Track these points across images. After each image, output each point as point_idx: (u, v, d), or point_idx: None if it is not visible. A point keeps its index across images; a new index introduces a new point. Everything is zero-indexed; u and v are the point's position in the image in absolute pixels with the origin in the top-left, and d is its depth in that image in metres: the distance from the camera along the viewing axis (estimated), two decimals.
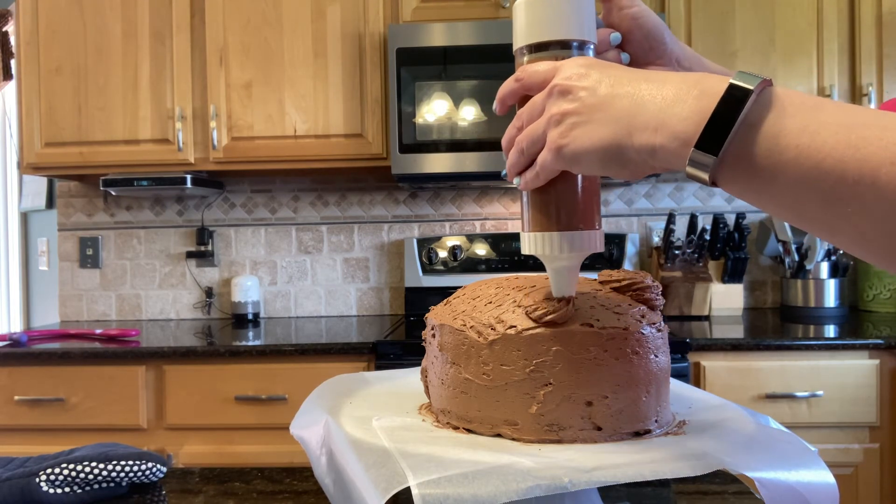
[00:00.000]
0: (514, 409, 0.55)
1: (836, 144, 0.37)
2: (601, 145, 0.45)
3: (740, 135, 0.40)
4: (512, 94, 0.54)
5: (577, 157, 0.47)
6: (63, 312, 2.65)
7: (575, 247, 0.54)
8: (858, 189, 0.37)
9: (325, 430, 0.58)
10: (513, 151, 0.52)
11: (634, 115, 0.44)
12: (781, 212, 0.42)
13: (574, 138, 0.47)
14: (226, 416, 1.95)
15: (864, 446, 1.85)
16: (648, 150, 0.44)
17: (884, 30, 2.16)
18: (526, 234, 0.56)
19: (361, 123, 2.24)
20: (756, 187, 0.41)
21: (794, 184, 0.39)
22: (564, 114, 0.47)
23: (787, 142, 0.39)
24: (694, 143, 0.41)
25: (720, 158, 0.41)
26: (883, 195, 0.36)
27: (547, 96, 0.49)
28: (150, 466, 0.84)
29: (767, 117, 0.40)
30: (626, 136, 0.44)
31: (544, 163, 0.49)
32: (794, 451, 0.51)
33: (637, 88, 0.45)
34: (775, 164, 0.39)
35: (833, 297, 2.25)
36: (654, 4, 2.23)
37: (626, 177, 0.48)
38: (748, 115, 0.40)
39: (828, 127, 0.38)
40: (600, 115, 0.45)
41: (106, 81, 2.28)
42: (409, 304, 2.50)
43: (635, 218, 2.55)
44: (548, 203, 0.54)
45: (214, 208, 2.62)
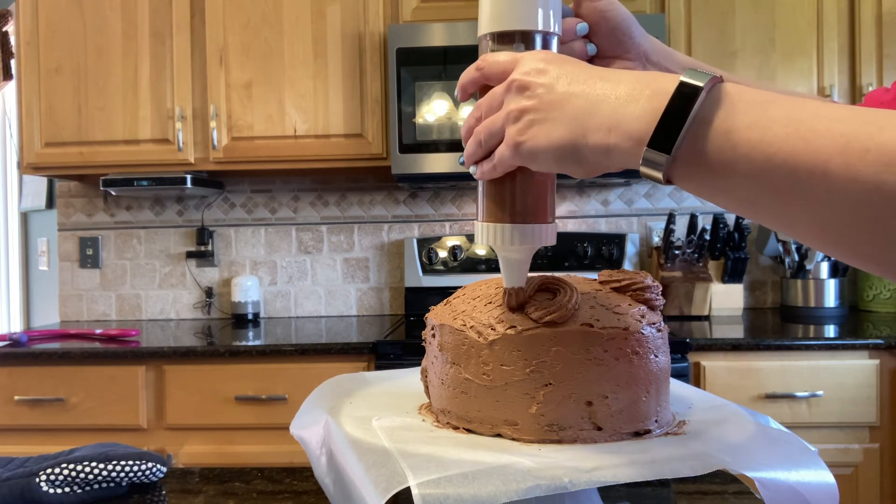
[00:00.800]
0: (514, 409, 0.55)
1: (786, 138, 0.38)
2: (557, 144, 0.46)
3: (692, 132, 0.40)
4: (472, 82, 0.54)
5: (533, 154, 0.47)
6: (63, 312, 2.65)
7: (526, 240, 0.54)
8: (810, 181, 0.37)
9: (325, 430, 0.58)
10: (471, 141, 0.53)
11: (589, 115, 0.44)
12: (737, 207, 0.42)
13: (531, 136, 0.47)
14: (226, 416, 1.95)
15: (864, 446, 1.85)
16: (603, 150, 0.44)
17: (884, 30, 2.16)
18: (479, 224, 0.56)
19: (361, 123, 2.24)
20: (710, 184, 0.41)
21: (747, 179, 0.39)
22: (522, 111, 0.47)
23: (739, 137, 0.39)
24: (647, 142, 0.41)
25: (673, 156, 0.41)
26: (834, 186, 0.36)
27: (506, 91, 0.49)
28: (150, 466, 0.84)
29: (718, 114, 0.40)
30: (581, 136, 0.45)
31: (502, 157, 0.50)
32: (794, 451, 0.51)
33: (593, 87, 0.45)
34: (727, 160, 0.39)
35: (833, 297, 2.25)
36: (653, 4, 2.23)
37: (582, 175, 0.48)
38: (699, 113, 0.40)
39: (778, 121, 0.38)
40: (557, 113, 0.46)
41: (106, 81, 2.28)
42: (409, 304, 2.50)
43: (635, 218, 2.55)
44: (502, 195, 0.54)
45: (214, 208, 2.62)
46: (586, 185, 2.54)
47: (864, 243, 0.37)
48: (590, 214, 2.56)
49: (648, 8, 2.22)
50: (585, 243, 2.43)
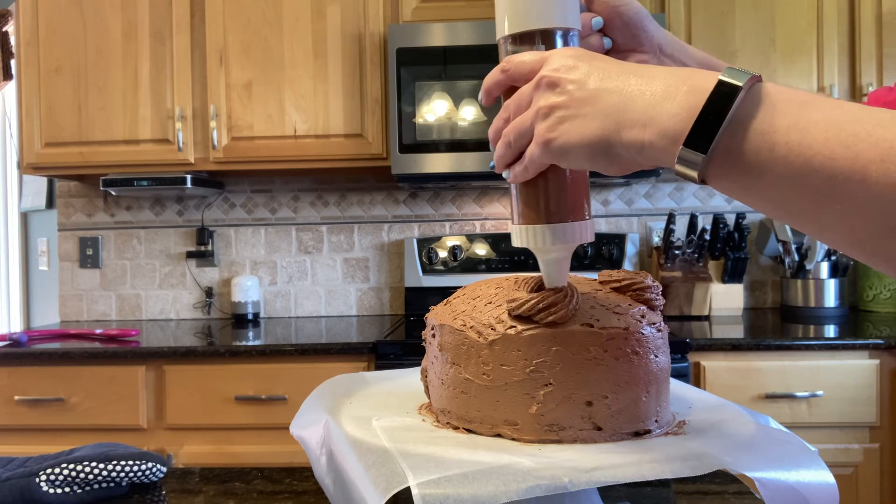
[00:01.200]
0: (514, 409, 0.55)
1: (826, 142, 0.37)
2: (590, 140, 0.45)
3: (729, 132, 0.40)
4: (498, 85, 0.53)
5: (565, 151, 0.46)
6: (63, 312, 2.65)
7: (565, 239, 0.54)
8: (848, 186, 0.36)
9: (325, 430, 0.58)
10: (500, 144, 0.52)
11: (623, 111, 0.43)
12: (771, 209, 0.41)
13: (562, 132, 0.46)
14: (226, 416, 1.95)
15: (864, 446, 1.85)
16: (637, 147, 0.43)
17: (884, 30, 2.16)
18: (516, 227, 0.55)
19: (361, 123, 2.24)
20: (745, 185, 0.41)
21: (783, 181, 0.39)
22: (553, 107, 0.46)
23: (777, 139, 0.38)
24: (683, 140, 0.41)
25: (709, 156, 0.40)
26: (873, 193, 0.35)
27: (534, 88, 0.48)
28: (150, 466, 0.84)
29: (757, 114, 0.39)
30: (615, 133, 0.44)
31: (532, 156, 0.49)
32: (794, 451, 0.51)
33: (626, 83, 0.44)
34: (765, 161, 0.39)
35: (833, 297, 2.25)
36: (653, 4, 2.23)
37: (614, 172, 0.47)
38: (737, 112, 0.40)
39: (817, 124, 0.37)
40: (589, 109, 0.45)
41: (106, 81, 2.28)
42: (409, 304, 2.50)
43: (635, 218, 2.55)
44: (536, 196, 0.53)
45: (214, 208, 2.62)
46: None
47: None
48: None
49: (648, 8, 2.21)
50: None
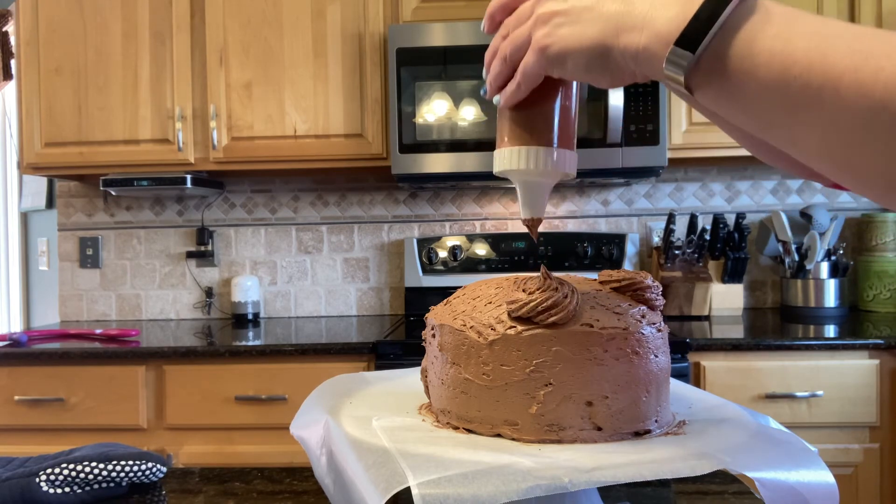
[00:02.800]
0: (514, 409, 0.55)
1: (806, 51, 0.38)
2: (588, 44, 0.45)
3: (718, 36, 0.41)
4: (500, 7, 0.53)
5: (562, 56, 0.46)
6: (63, 312, 2.65)
7: (553, 163, 0.53)
8: (822, 95, 0.37)
9: (325, 430, 0.58)
10: (496, 60, 0.51)
11: (623, 15, 0.44)
12: (750, 120, 0.42)
13: (560, 37, 0.46)
14: (226, 416, 1.95)
15: (864, 446, 1.85)
16: (633, 52, 0.44)
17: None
18: (504, 149, 0.54)
19: (361, 123, 2.24)
20: (728, 92, 0.41)
21: (763, 89, 0.39)
22: (553, 13, 0.47)
23: (762, 46, 0.39)
24: (674, 41, 0.41)
25: (696, 58, 0.41)
26: (844, 102, 0.36)
27: (536, 0, 0.48)
28: (150, 466, 0.84)
29: (747, 21, 0.40)
30: (614, 37, 0.44)
31: (527, 66, 0.48)
32: (794, 451, 0.51)
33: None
34: (748, 67, 0.40)
35: (833, 297, 2.25)
36: None
37: (608, 83, 0.47)
38: (729, 19, 0.40)
39: (802, 35, 0.38)
40: (589, 14, 0.45)
41: (106, 81, 2.28)
42: (409, 304, 2.50)
43: (635, 218, 2.55)
44: (528, 118, 0.53)
45: (214, 208, 2.62)
46: (586, 185, 2.54)
47: (868, 164, 0.37)
48: (590, 214, 2.56)
49: None
50: (585, 243, 2.43)
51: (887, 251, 2.32)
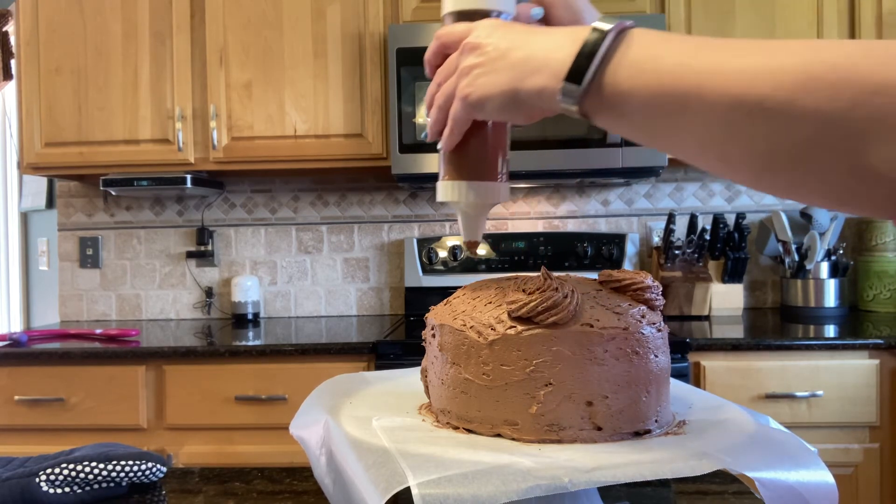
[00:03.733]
0: (514, 409, 0.55)
1: (674, 66, 0.44)
2: (500, 90, 0.52)
3: (601, 67, 0.47)
4: (434, 53, 0.60)
5: (481, 102, 0.53)
6: (63, 312, 2.65)
7: (480, 195, 0.61)
8: (690, 101, 0.43)
9: (325, 430, 0.58)
10: (433, 109, 0.59)
11: (527, 61, 0.51)
12: (640, 134, 0.48)
13: (479, 86, 0.53)
14: (226, 416, 1.95)
15: (864, 446, 1.85)
16: (537, 91, 0.50)
17: (884, 30, 2.16)
18: (440, 183, 0.63)
19: (361, 123, 2.24)
20: (616, 113, 0.48)
21: (644, 104, 0.45)
22: (472, 67, 0.54)
23: (638, 68, 0.46)
24: (564, 76, 0.48)
25: (585, 89, 0.47)
26: (708, 104, 0.42)
27: (459, 54, 0.55)
28: (150, 466, 0.84)
29: (622, 51, 0.46)
30: (520, 81, 0.51)
31: (455, 114, 0.56)
32: (794, 451, 0.51)
33: (531, 41, 0.52)
34: (629, 88, 0.46)
35: (833, 297, 2.25)
36: (653, 4, 2.23)
37: (523, 120, 0.54)
38: (608, 51, 0.47)
39: (672, 53, 0.44)
40: (500, 63, 0.52)
41: (106, 81, 2.28)
42: (409, 304, 2.50)
43: (635, 218, 2.55)
44: (460, 156, 0.61)
45: (214, 208, 2.62)
46: (586, 185, 2.54)
47: (737, 154, 0.43)
48: (590, 214, 2.56)
49: (648, 8, 2.22)
50: (585, 243, 2.43)
51: (887, 251, 2.32)
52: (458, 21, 0.61)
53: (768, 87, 0.40)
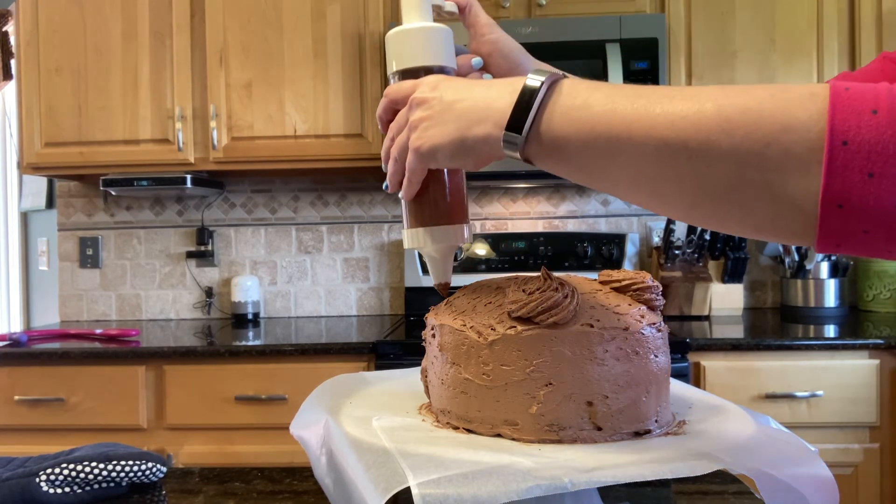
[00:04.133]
0: (514, 409, 0.55)
1: (604, 113, 0.48)
2: (449, 139, 0.55)
3: (538, 116, 0.51)
4: (384, 110, 0.64)
5: (432, 152, 0.56)
6: (63, 312, 2.65)
7: (441, 239, 0.64)
8: (621, 142, 0.47)
9: (325, 430, 0.58)
10: (389, 163, 0.62)
11: (471, 112, 0.54)
12: (579, 175, 0.51)
13: (428, 138, 0.56)
14: (226, 416, 1.95)
15: (864, 446, 1.85)
16: (482, 139, 0.53)
17: (884, 30, 2.16)
18: (405, 231, 0.66)
19: (361, 123, 2.24)
20: (556, 157, 0.51)
21: (580, 149, 0.49)
22: (421, 120, 0.57)
23: (571, 116, 0.49)
24: (505, 126, 0.51)
25: (525, 137, 0.51)
26: (637, 143, 0.46)
27: (408, 109, 0.59)
28: (150, 466, 0.84)
29: (555, 100, 0.50)
30: (467, 130, 0.54)
31: (411, 165, 0.58)
32: (794, 451, 0.51)
33: (473, 93, 0.55)
34: (565, 134, 0.49)
35: (833, 297, 2.25)
36: (653, 4, 2.23)
37: (472, 167, 0.57)
38: (543, 100, 0.50)
39: (600, 102, 0.48)
40: (446, 115, 0.55)
41: (106, 81, 2.28)
42: (409, 304, 2.50)
43: (635, 218, 2.55)
44: (420, 204, 0.64)
45: (214, 208, 2.62)
46: (593, 188, 2.54)
47: (667, 190, 0.46)
48: (590, 214, 2.56)
49: (648, 8, 2.22)
50: (585, 243, 2.43)
51: None
52: (404, 78, 0.64)
53: (690, 130, 0.44)
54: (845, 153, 0.40)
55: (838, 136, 0.40)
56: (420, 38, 0.66)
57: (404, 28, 0.67)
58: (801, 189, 0.41)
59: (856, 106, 0.40)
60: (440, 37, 0.67)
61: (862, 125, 0.40)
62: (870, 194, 0.39)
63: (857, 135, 0.40)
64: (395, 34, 0.66)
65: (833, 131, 0.40)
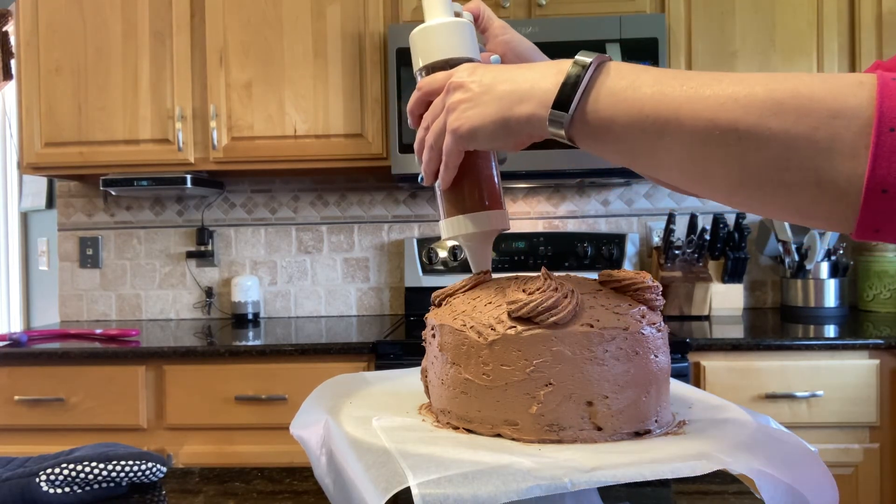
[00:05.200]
0: (514, 409, 0.55)
1: (652, 94, 0.48)
2: (490, 120, 0.55)
3: (584, 95, 0.51)
4: (417, 103, 0.64)
5: (472, 133, 0.56)
6: (63, 312, 2.65)
7: (480, 224, 0.64)
8: (669, 125, 0.47)
9: (325, 430, 0.58)
10: (424, 151, 0.62)
11: (513, 93, 0.55)
12: (621, 156, 0.52)
13: (467, 118, 0.56)
14: (226, 416, 1.95)
15: (864, 446, 1.85)
16: (525, 119, 0.54)
17: (884, 30, 2.16)
18: (443, 222, 0.66)
19: (361, 123, 2.24)
20: (601, 137, 0.51)
21: (625, 129, 0.49)
22: (459, 102, 0.57)
23: (619, 97, 0.50)
24: (551, 104, 0.52)
25: (571, 115, 0.51)
26: (685, 126, 0.46)
27: (445, 94, 0.59)
28: (150, 466, 0.84)
29: (603, 81, 0.51)
30: (508, 110, 0.55)
31: (448, 148, 0.59)
32: (794, 451, 0.51)
33: (514, 75, 0.56)
34: (612, 115, 0.50)
35: (833, 297, 2.25)
36: (653, 4, 2.23)
37: (512, 147, 0.58)
38: (590, 81, 0.51)
39: (648, 83, 0.49)
40: (487, 97, 0.56)
41: (106, 81, 2.28)
42: (409, 304, 2.50)
43: (635, 218, 2.55)
44: (456, 192, 0.64)
45: (214, 208, 2.62)
46: (586, 186, 2.54)
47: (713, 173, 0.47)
48: (590, 214, 2.56)
49: (648, 8, 2.22)
50: (585, 243, 2.43)
51: (887, 251, 2.32)
52: (432, 73, 0.64)
53: (740, 111, 0.45)
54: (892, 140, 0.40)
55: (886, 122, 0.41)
56: (446, 33, 0.66)
57: (429, 24, 0.66)
58: (847, 173, 0.42)
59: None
60: (465, 30, 0.67)
61: None
62: None
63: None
64: (420, 31, 0.66)
65: (881, 118, 0.41)
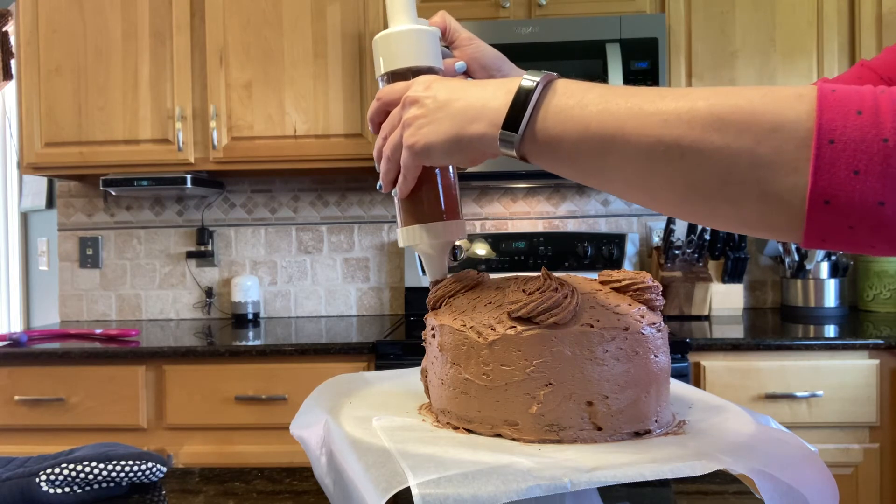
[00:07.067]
0: (514, 409, 0.55)
1: (598, 112, 0.49)
2: (444, 137, 0.56)
3: (533, 115, 0.52)
4: (376, 112, 0.64)
5: (427, 149, 0.57)
6: (63, 312, 2.65)
7: (436, 235, 0.66)
8: (615, 141, 0.48)
9: (325, 430, 0.58)
10: (382, 162, 0.63)
11: (465, 111, 0.55)
12: (573, 173, 0.52)
13: (423, 135, 0.57)
14: (226, 416, 1.95)
15: (864, 446, 1.85)
16: (478, 137, 0.54)
17: (884, 30, 2.16)
18: (399, 230, 0.67)
19: (361, 123, 2.24)
20: (551, 155, 0.52)
21: (574, 147, 0.50)
22: (414, 118, 0.58)
23: (566, 115, 0.50)
24: (501, 125, 0.52)
25: (521, 135, 0.52)
26: (630, 142, 0.47)
27: (401, 108, 0.60)
28: (150, 466, 0.84)
29: (551, 100, 0.51)
30: (461, 128, 0.55)
31: (405, 163, 0.60)
32: (794, 451, 0.51)
33: (467, 92, 0.56)
34: (559, 133, 0.50)
35: (833, 297, 2.25)
36: (653, 4, 2.23)
37: (468, 163, 0.58)
38: (538, 101, 0.51)
39: (594, 101, 0.49)
40: (441, 114, 0.56)
41: (106, 81, 2.28)
42: (409, 304, 2.50)
43: (635, 218, 2.55)
44: (414, 201, 0.65)
45: (214, 208, 2.62)
46: (586, 185, 2.54)
47: (659, 187, 0.48)
48: (590, 214, 2.56)
49: (648, 8, 2.22)
50: (585, 243, 2.43)
51: None
52: (394, 80, 0.65)
53: (683, 127, 0.45)
54: (832, 151, 0.41)
55: (825, 134, 0.41)
56: (408, 40, 0.66)
57: (392, 31, 0.67)
58: (790, 185, 0.43)
59: (842, 107, 0.42)
60: (428, 38, 0.67)
61: (848, 125, 0.41)
62: (855, 191, 0.41)
63: (843, 134, 0.41)
64: (382, 37, 0.67)
65: (821, 130, 0.41)
